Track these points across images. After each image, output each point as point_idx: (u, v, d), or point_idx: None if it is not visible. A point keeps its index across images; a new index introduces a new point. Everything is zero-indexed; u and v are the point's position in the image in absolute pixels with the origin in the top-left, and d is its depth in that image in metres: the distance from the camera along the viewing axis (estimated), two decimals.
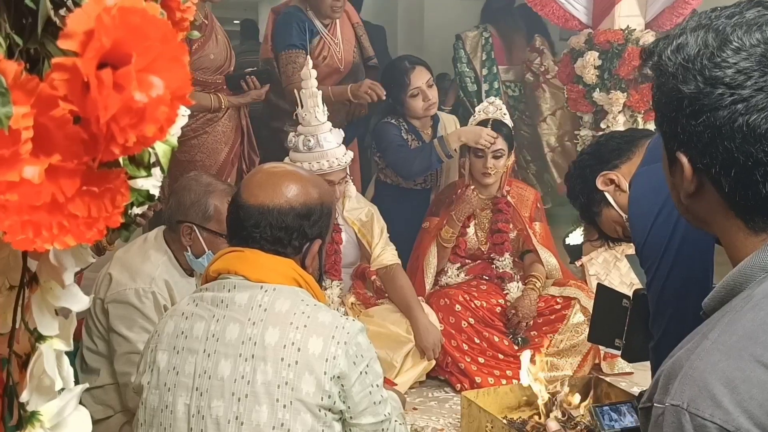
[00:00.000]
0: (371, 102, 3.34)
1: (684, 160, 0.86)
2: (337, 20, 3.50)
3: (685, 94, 0.84)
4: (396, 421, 1.56)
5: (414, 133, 3.44)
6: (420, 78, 3.36)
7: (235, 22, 8.46)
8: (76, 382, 0.79)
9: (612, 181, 1.80)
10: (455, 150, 3.19)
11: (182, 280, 2.35)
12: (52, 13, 0.60)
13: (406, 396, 2.12)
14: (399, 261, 3.01)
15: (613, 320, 1.62)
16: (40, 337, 0.73)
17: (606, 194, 1.82)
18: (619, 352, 1.91)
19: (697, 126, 0.83)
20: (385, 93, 3.28)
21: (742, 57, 0.81)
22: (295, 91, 2.88)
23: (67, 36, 0.55)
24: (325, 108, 2.83)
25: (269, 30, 3.57)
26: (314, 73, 2.81)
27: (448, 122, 3.55)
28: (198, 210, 2.27)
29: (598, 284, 2.02)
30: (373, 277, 3.10)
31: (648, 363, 1.85)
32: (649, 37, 3.64)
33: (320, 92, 2.82)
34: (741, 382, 0.78)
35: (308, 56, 2.91)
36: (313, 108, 2.79)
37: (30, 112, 0.55)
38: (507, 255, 3.22)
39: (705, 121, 0.82)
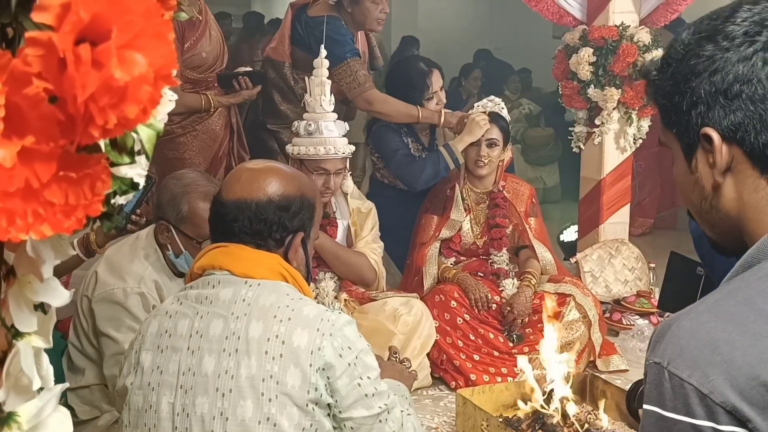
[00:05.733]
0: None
1: (713, 133, 0.86)
2: (358, 31, 3.42)
3: (705, 55, 0.85)
4: (403, 411, 1.53)
5: (413, 136, 3.42)
6: (438, 82, 3.37)
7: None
8: (62, 381, 0.75)
9: None
10: (462, 153, 3.17)
11: (172, 281, 2.31)
12: None
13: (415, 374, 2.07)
14: (374, 259, 2.97)
15: (686, 288, 1.60)
16: (18, 334, 0.69)
17: None
18: None
19: (723, 83, 0.84)
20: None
21: (755, 12, 0.85)
22: (306, 78, 2.86)
23: (41, 8, 0.52)
24: (333, 99, 2.80)
25: (287, 30, 3.40)
26: (326, 62, 2.79)
27: None
28: (172, 209, 2.20)
29: (672, 252, 1.99)
30: None
31: (642, 361, 1.81)
32: (643, 34, 3.62)
33: (329, 82, 2.79)
34: (724, 343, 0.76)
35: (323, 48, 2.86)
36: (320, 96, 2.77)
37: (1, 89, 0.51)
38: (504, 250, 3.19)
39: (730, 73, 0.84)
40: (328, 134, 2.74)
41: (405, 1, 8.01)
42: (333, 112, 2.80)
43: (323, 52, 2.80)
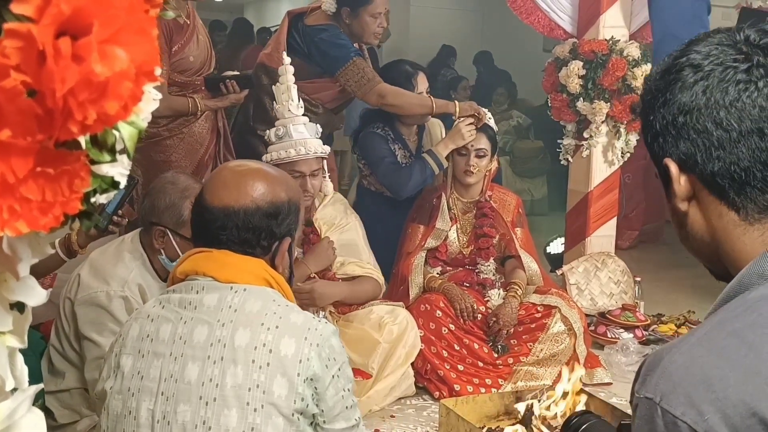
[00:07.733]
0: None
1: (670, 163, 0.89)
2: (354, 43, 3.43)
3: (658, 89, 0.90)
4: (364, 426, 1.54)
5: (400, 142, 3.41)
6: (423, 84, 3.37)
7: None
8: (40, 383, 0.74)
9: None
10: (446, 159, 3.17)
11: (156, 285, 2.29)
12: None
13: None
14: (378, 277, 2.97)
15: None
16: None
17: None
18: None
19: (670, 115, 0.88)
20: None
21: (702, 46, 0.88)
22: (273, 87, 2.87)
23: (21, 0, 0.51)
24: (301, 102, 2.82)
25: (283, 37, 3.39)
26: (291, 69, 2.80)
27: (433, 127, 3.52)
28: (172, 214, 2.20)
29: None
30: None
31: (629, 377, 1.75)
32: (632, 48, 3.64)
33: (295, 87, 2.80)
34: (717, 380, 0.75)
35: (286, 54, 2.87)
36: (287, 102, 2.79)
37: None
38: (491, 260, 3.18)
39: (674, 104, 0.88)
40: (297, 136, 2.76)
41: (396, 13, 8.04)
42: (303, 115, 2.81)
43: (287, 59, 2.82)
